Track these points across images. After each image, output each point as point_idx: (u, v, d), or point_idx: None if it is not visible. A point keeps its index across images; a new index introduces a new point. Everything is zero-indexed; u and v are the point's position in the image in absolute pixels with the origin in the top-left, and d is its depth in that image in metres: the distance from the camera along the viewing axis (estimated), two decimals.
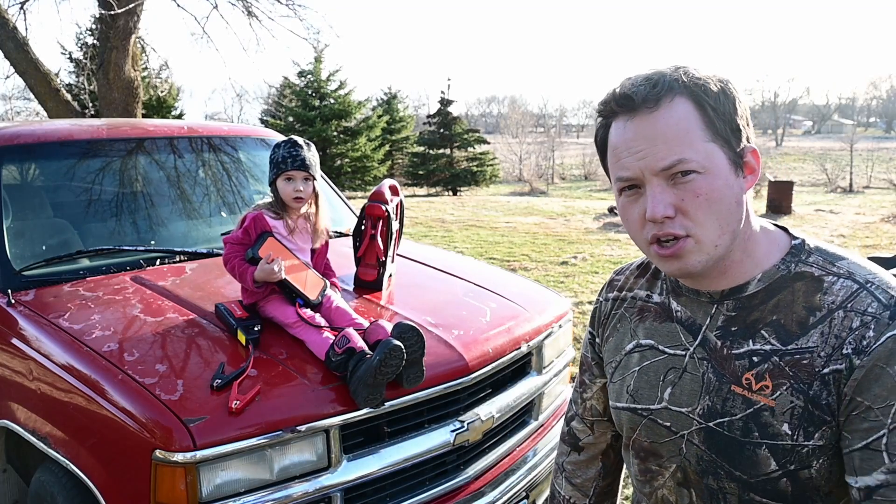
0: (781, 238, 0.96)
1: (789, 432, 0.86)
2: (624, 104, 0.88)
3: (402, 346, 1.82)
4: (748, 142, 0.90)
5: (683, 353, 0.97)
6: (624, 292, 1.12)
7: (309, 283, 2.09)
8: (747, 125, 0.90)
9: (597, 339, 1.16)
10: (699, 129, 0.86)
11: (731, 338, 0.92)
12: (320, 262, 2.28)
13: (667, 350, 1.00)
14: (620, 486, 1.28)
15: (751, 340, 0.90)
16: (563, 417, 1.29)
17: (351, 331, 1.92)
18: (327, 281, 2.17)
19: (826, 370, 0.84)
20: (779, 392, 0.86)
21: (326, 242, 2.30)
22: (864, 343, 0.82)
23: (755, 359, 0.89)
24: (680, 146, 0.85)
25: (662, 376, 0.99)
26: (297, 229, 2.17)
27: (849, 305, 0.85)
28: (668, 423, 0.98)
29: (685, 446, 0.96)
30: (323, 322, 2.00)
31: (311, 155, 2.17)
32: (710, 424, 0.92)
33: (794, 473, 0.86)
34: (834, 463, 0.86)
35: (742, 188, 0.89)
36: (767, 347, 0.89)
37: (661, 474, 1.01)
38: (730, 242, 0.89)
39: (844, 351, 0.83)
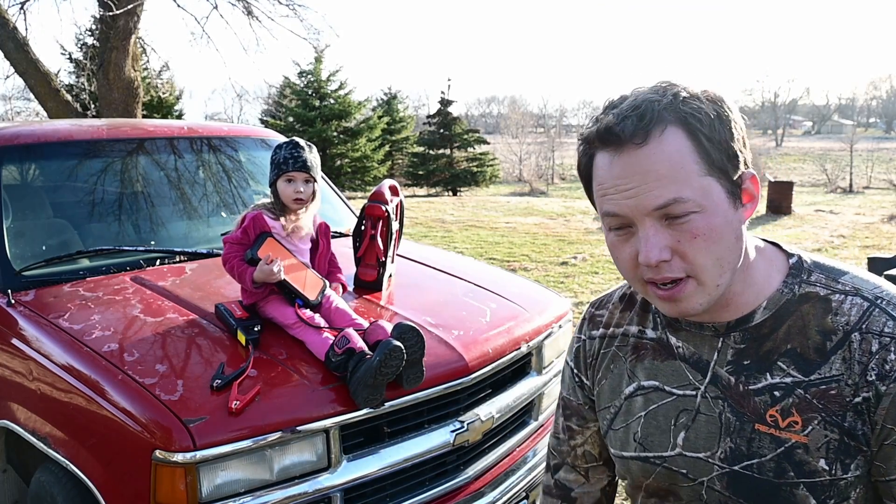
0: (777, 258, 0.91)
1: (827, 467, 0.81)
2: (609, 140, 0.80)
3: (403, 347, 1.82)
4: (746, 166, 0.83)
5: (694, 392, 0.90)
6: (612, 328, 1.03)
7: (308, 284, 2.09)
8: (744, 147, 0.82)
9: (585, 382, 1.06)
10: (694, 162, 0.78)
11: (745, 372, 0.86)
12: (322, 261, 2.27)
13: (674, 391, 0.92)
14: None
15: (768, 374, 0.84)
16: (545, 468, 1.18)
17: (351, 331, 1.92)
18: (326, 281, 2.17)
19: (858, 399, 0.80)
20: (810, 427, 0.81)
21: (328, 241, 2.30)
22: (888, 367, 0.78)
23: (777, 393, 0.83)
24: (674, 184, 0.78)
25: (674, 420, 0.91)
26: (296, 229, 2.17)
27: (864, 327, 0.81)
28: (685, 471, 0.91)
29: (705, 493, 0.89)
30: (322, 322, 2.00)
31: (313, 157, 2.17)
32: (736, 468, 0.85)
33: None
34: (870, 489, 0.83)
35: (741, 220, 0.83)
36: (788, 380, 0.83)
37: None
38: (731, 279, 0.84)
39: (869, 378, 0.79)
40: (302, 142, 2.18)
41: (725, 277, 0.83)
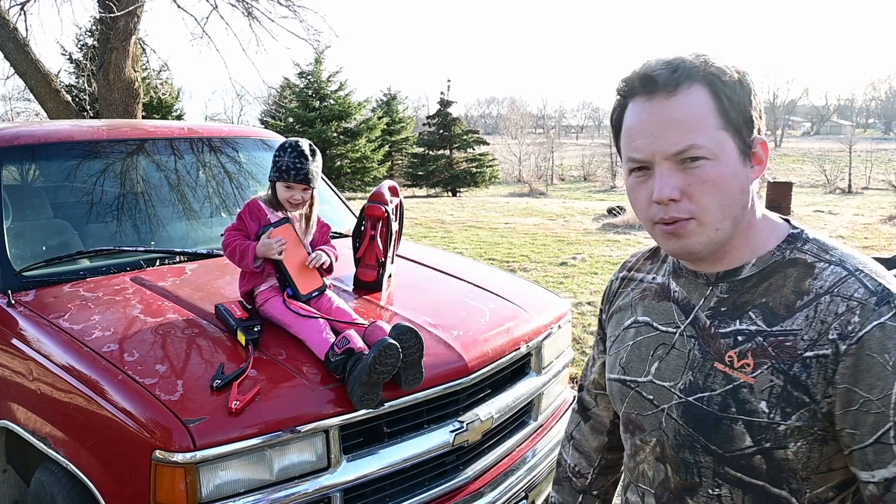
0: (782, 227, 0.98)
1: (766, 410, 0.87)
2: (645, 84, 0.90)
3: (398, 345, 1.82)
4: (759, 134, 0.92)
5: (674, 330, 1.01)
6: (633, 272, 1.16)
7: (304, 277, 2.10)
8: (759, 117, 0.92)
9: (604, 316, 1.20)
10: (713, 116, 0.87)
11: (719, 317, 0.95)
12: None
13: (659, 327, 1.03)
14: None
15: (738, 321, 0.93)
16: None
17: (352, 332, 1.92)
18: (327, 283, 2.18)
19: (809, 353, 0.85)
20: (759, 371, 0.89)
21: (327, 235, 2.31)
22: (850, 328, 0.83)
23: (740, 338, 0.92)
24: (692, 132, 0.87)
25: (652, 351, 1.03)
26: (294, 221, 2.19)
27: (836, 290, 0.87)
28: (652, 397, 1.01)
29: (664, 420, 0.99)
30: (317, 313, 2.01)
31: (315, 166, 2.16)
32: (690, 399, 0.95)
33: (770, 451, 0.88)
34: (814, 449, 0.87)
35: (749, 178, 0.91)
36: (753, 328, 0.91)
37: (643, 449, 1.04)
38: (731, 228, 0.91)
39: (830, 336, 0.84)
40: (306, 148, 2.15)
41: (726, 224, 0.91)
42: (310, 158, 2.14)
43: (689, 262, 1.00)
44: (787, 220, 1.00)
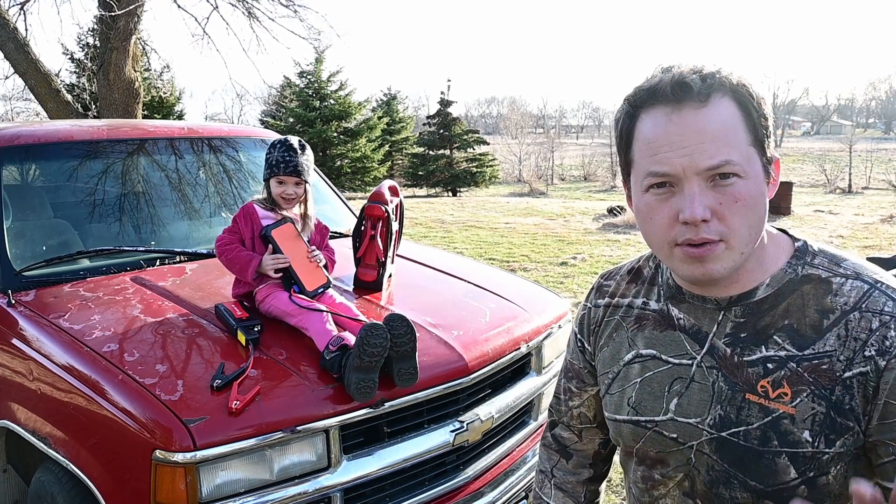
0: (784, 241, 0.94)
1: (810, 439, 0.83)
2: (676, 92, 0.82)
3: (384, 325, 1.82)
4: (771, 149, 0.88)
5: (690, 362, 0.94)
6: (617, 298, 1.07)
7: (310, 274, 2.12)
8: (772, 134, 0.88)
9: (587, 348, 1.11)
10: (743, 131, 0.83)
11: (741, 345, 0.89)
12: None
13: (671, 360, 0.96)
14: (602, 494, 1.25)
15: (763, 347, 0.87)
16: (546, 426, 1.25)
17: (346, 333, 1.93)
18: (332, 281, 2.19)
19: (848, 374, 0.82)
20: (799, 399, 0.84)
21: (326, 237, 2.32)
22: (888, 343, 0.81)
23: (770, 365, 0.86)
24: (727, 147, 0.81)
25: (668, 387, 0.95)
26: (295, 221, 2.20)
27: (863, 306, 0.83)
28: (675, 435, 0.95)
29: (694, 456, 0.93)
30: (322, 306, 2.02)
31: (305, 159, 2.18)
32: (724, 434, 0.89)
33: (813, 480, 0.84)
34: (850, 468, 0.85)
35: (767, 196, 0.88)
36: (782, 353, 0.86)
37: (665, 483, 0.98)
38: (752, 251, 0.87)
39: (867, 353, 0.81)
40: (295, 142, 2.19)
41: (750, 247, 0.86)
42: (299, 152, 2.17)
43: (697, 287, 0.93)
44: (785, 231, 0.96)
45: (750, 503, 0.88)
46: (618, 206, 13.09)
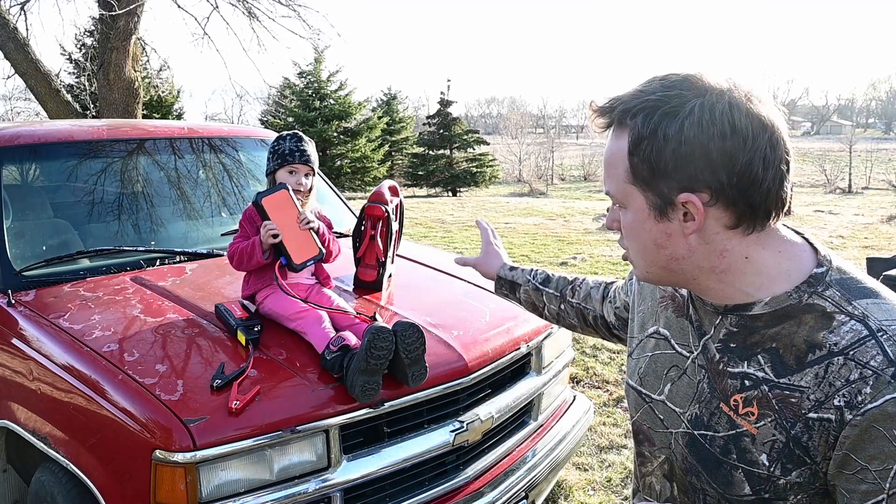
0: (806, 260, 0.89)
1: (766, 463, 0.84)
2: (609, 113, 0.88)
3: (390, 329, 1.82)
4: (691, 191, 0.81)
5: (688, 354, 0.97)
6: None
7: (299, 247, 2.07)
8: (706, 170, 0.80)
9: (626, 299, 1.23)
10: (623, 168, 0.86)
11: (729, 354, 0.90)
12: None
13: (676, 346, 1.00)
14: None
15: (746, 362, 0.88)
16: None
17: (347, 332, 1.93)
18: (324, 252, 2.14)
19: (814, 415, 0.80)
20: (763, 423, 0.85)
21: (329, 229, 2.31)
22: (859, 399, 0.77)
23: (747, 382, 0.87)
24: (609, 178, 0.89)
25: (666, 370, 1.01)
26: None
27: (850, 353, 0.79)
28: (662, 417, 1.00)
29: (674, 442, 0.98)
30: (314, 303, 2.01)
31: (313, 151, 2.24)
32: (695, 433, 0.93)
33: (769, 502, 0.85)
34: (815, 501, 0.84)
35: (668, 232, 0.85)
36: (760, 374, 0.86)
37: (651, 462, 1.04)
38: (666, 275, 0.91)
39: (836, 402, 0.79)
40: (304, 135, 2.24)
41: (653, 270, 0.92)
42: (308, 142, 2.22)
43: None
44: (817, 251, 0.90)
45: (716, 498, 0.92)
46: None
